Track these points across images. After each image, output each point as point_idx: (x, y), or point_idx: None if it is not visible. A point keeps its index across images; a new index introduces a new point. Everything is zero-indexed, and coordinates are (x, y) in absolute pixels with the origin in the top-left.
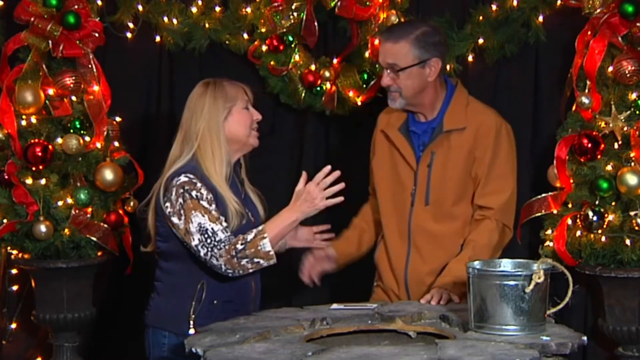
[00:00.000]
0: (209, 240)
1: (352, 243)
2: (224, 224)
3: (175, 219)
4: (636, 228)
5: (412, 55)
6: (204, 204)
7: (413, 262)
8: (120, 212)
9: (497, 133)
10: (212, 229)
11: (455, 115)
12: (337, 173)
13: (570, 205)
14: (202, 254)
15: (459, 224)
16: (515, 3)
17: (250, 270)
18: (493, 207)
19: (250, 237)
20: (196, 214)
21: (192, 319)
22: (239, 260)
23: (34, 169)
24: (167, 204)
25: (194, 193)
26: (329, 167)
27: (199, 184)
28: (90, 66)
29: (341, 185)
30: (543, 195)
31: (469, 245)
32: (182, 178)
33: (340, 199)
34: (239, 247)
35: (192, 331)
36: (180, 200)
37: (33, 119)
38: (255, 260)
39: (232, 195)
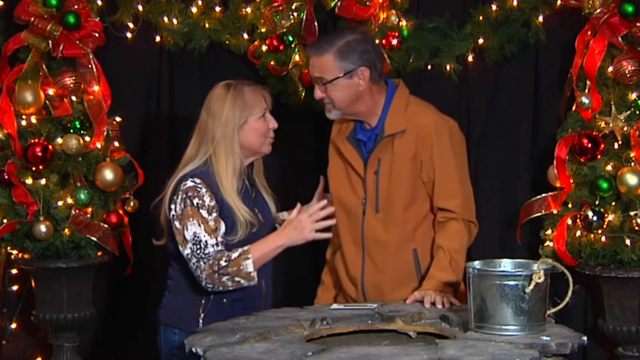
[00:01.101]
0: (198, 252)
1: (332, 289)
2: (219, 238)
3: (177, 223)
4: (636, 228)
5: (337, 67)
6: (203, 212)
7: (368, 270)
8: (120, 212)
9: (437, 134)
10: (206, 241)
11: (395, 118)
12: (331, 209)
13: (570, 205)
14: (190, 263)
15: (410, 228)
16: (515, 3)
17: (230, 288)
18: (455, 210)
19: (234, 255)
20: (193, 222)
21: (202, 317)
22: (220, 276)
23: (34, 169)
24: (173, 206)
25: (195, 200)
26: (324, 202)
27: (203, 191)
28: (90, 66)
29: (332, 222)
30: (543, 195)
31: (442, 251)
32: (189, 183)
33: (329, 235)
34: (222, 263)
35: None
36: (182, 205)
37: (33, 119)
38: (236, 279)
39: (242, 204)
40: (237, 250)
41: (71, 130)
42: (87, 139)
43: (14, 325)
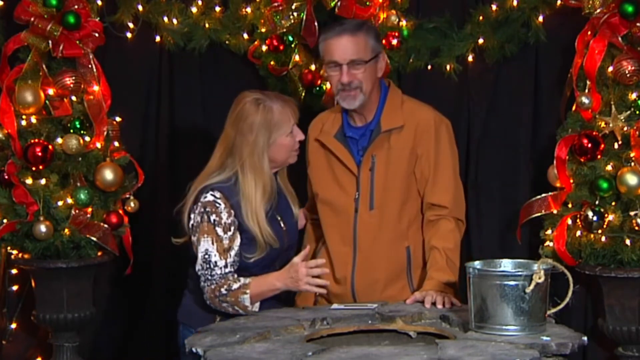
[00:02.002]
0: (205, 272)
1: None
2: (231, 258)
3: (193, 235)
4: (636, 228)
5: (370, 48)
6: (219, 230)
7: (359, 268)
8: (120, 212)
9: (436, 129)
10: (215, 262)
11: (392, 114)
12: (326, 270)
13: (570, 205)
14: (200, 279)
15: (404, 226)
16: (515, 3)
17: (231, 312)
18: (447, 205)
19: (234, 286)
20: (207, 239)
21: (218, 320)
22: (220, 302)
23: (34, 169)
24: (192, 216)
25: (212, 217)
26: (323, 261)
27: (221, 207)
28: (90, 66)
29: (326, 282)
30: (543, 195)
31: (438, 251)
32: (209, 197)
33: (323, 290)
34: (223, 291)
35: None
36: (199, 219)
37: (33, 119)
38: (235, 307)
39: (267, 225)
40: (239, 281)
41: (71, 130)
42: (87, 139)
43: (14, 325)
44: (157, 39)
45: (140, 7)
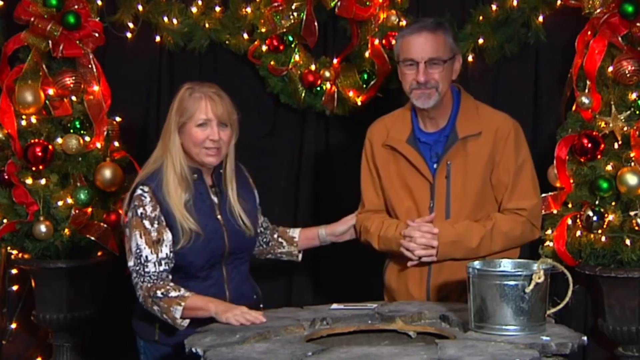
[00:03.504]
0: (139, 268)
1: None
2: (161, 253)
3: (126, 231)
4: (636, 228)
5: (449, 48)
6: (146, 223)
7: (435, 279)
8: (120, 212)
9: (516, 135)
10: (146, 256)
11: (468, 120)
12: (263, 319)
13: (570, 205)
14: (132, 276)
15: None
16: (515, 3)
17: (158, 317)
18: (526, 208)
19: (172, 294)
20: (135, 232)
21: (158, 327)
22: (153, 304)
23: (34, 169)
24: (128, 213)
25: (139, 210)
26: (262, 319)
27: (146, 200)
28: (90, 66)
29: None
30: (543, 195)
31: (489, 221)
32: (138, 191)
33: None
34: (158, 294)
35: (156, 338)
36: (130, 214)
37: (33, 119)
38: (164, 315)
39: (187, 213)
40: (179, 290)
41: (71, 130)
42: (87, 139)
43: (14, 325)
44: (157, 39)
45: (140, 7)
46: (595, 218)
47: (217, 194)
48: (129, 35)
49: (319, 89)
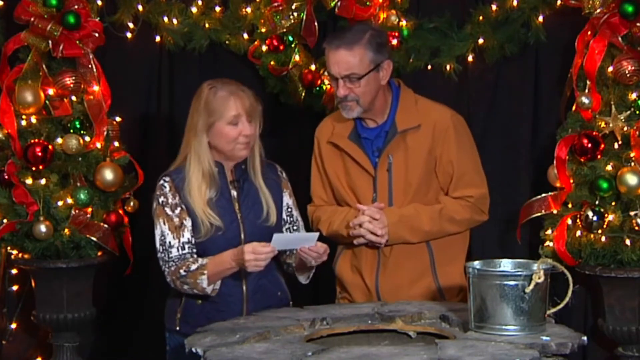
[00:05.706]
0: (164, 254)
1: None
2: (184, 237)
3: (154, 223)
4: (636, 228)
5: (368, 61)
6: (167, 210)
7: (384, 269)
8: (120, 212)
9: (455, 127)
10: (170, 242)
11: (407, 114)
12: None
13: (570, 205)
14: (160, 263)
15: None
16: (515, 3)
17: (191, 294)
18: (472, 195)
19: (193, 267)
20: (159, 221)
21: (178, 317)
22: (182, 284)
23: (34, 169)
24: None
25: (161, 199)
26: (275, 250)
27: (167, 188)
28: (90, 66)
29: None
30: (543, 195)
31: (438, 205)
32: (160, 181)
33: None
34: (182, 273)
35: (178, 328)
36: (154, 205)
37: (33, 119)
38: (195, 290)
39: (210, 209)
40: (197, 262)
41: (71, 130)
42: (87, 139)
43: (14, 325)
44: (157, 39)
45: (140, 7)
46: (595, 218)
47: (237, 188)
48: (129, 35)
49: (319, 89)
